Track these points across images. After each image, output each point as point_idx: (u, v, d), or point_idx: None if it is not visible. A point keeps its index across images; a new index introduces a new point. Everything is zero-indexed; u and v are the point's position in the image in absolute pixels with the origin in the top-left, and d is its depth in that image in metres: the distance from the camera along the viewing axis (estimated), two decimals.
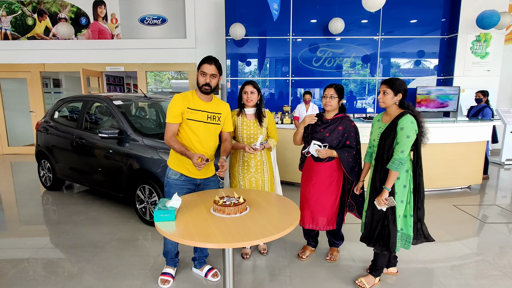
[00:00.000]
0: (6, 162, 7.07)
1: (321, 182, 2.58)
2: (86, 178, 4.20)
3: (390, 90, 2.17)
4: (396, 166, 2.09)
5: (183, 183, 2.32)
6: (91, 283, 2.47)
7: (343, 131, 2.49)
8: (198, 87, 2.24)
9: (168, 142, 2.22)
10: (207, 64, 2.19)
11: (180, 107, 2.21)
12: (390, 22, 6.75)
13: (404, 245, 2.27)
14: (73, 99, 4.69)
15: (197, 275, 2.58)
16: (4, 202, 4.45)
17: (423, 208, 2.27)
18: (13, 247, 3.11)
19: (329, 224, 2.64)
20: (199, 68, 2.22)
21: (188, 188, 2.33)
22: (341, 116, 2.54)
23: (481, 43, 6.66)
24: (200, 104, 2.27)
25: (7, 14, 7.36)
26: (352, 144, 2.51)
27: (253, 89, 2.62)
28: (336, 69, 7.03)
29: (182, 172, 2.30)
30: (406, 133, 2.07)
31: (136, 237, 3.26)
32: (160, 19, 7.43)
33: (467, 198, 4.53)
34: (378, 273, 2.42)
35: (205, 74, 2.19)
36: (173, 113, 2.21)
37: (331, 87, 2.49)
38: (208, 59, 2.22)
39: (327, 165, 2.56)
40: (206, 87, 2.21)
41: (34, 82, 7.62)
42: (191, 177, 2.32)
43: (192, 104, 2.24)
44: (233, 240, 1.56)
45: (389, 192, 2.16)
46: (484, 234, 3.36)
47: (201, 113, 2.26)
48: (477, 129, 4.67)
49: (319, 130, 2.54)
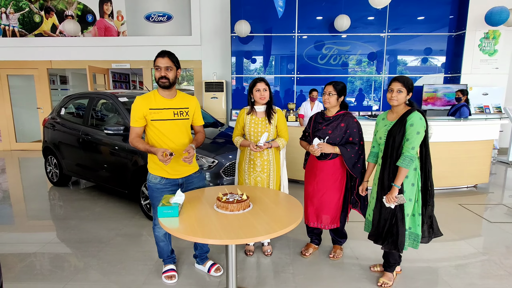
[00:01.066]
0: (14, 158, 7.17)
1: (325, 180, 2.57)
2: (91, 174, 4.24)
3: (405, 89, 2.16)
4: (407, 163, 2.08)
5: (164, 186, 2.28)
6: (96, 277, 2.51)
7: (346, 128, 2.48)
8: (157, 83, 2.21)
9: (132, 143, 2.22)
10: (159, 58, 2.14)
11: (141, 109, 2.18)
12: (397, 19, 6.68)
13: (412, 244, 2.25)
14: (80, 96, 4.73)
15: (200, 271, 2.59)
16: (12, 197, 4.51)
17: (433, 203, 2.25)
18: (21, 241, 3.16)
19: (333, 222, 2.64)
20: (154, 64, 2.18)
21: (171, 190, 2.28)
22: (343, 113, 2.53)
23: (489, 40, 6.56)
24: (164, 102, 2.22)
25: (15, 12, 7.43)
26: (355, 140, 2.49)
27: (265, 86, 2.56)
28: (341, 66, 6.99)
29: (162, 175, 2.27)
30: (416, 130, 2.06)
31: (141, 233, 3.29)
32: (166, 16, 7.44)
33: (473, 197, 4.48)
34: (393, 268, 2.42)
35: (159, 68, 2.15)
36: (135, 117, 2.19)
37: (330, 85, 2.48)
38: (161, 53, 2.16)
39: (330, 162, 2.55)
40: (162, 80, 2.16)
41: (41, 79, 7.69)
42: (171, 178, 2.29)
43: (154, 104, 2.20)
44: (236, 237, 1.57)
45: (398, 189, 2.15)
46: (490, 234, 3.33)
47: (165, 111, 2.22)
48: (484, 128, 4.62)
49: (321, 128, 2.54)
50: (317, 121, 2.60)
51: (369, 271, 2.59)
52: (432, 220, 2.28)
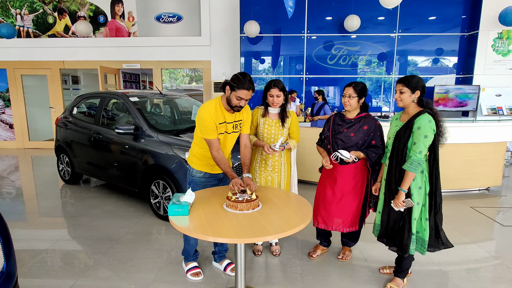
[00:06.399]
0: (27, 156, 7.31)
1: (344, 184, 2.50)
2: (102, 173, 4.30)
3: (407, 89, 2.11)
4: (414, 167, 2.02)
5: (207, 179, 2.42)
6: (106, 274, 2.54)
7: (369, 131, 2.41)
8: (230, 105, 2.21)
9: (217, 158, 2.21)
10: (246, 91, 2.12)
11: (213, 122, 2.19)
12: (408, 19, 6.60)
13: (419, 249, 2.20)
14: (91, 95, 4.80)
15: (217, 269, 2.62)
16: (25, 195, 4.61)
17: (441, 212, 2.18)
18: (33, 238, 3.22)
19: (352, 225, 2.58)
20: (235, 91, 2.13)
21: (212, 184, 2.43)
22: (364, 115, 2.45)
23: (503, 40, 6.44)
24: (226, 116, 2.27)
25: (29, 13, 7.59)
26: (378, 143, 2.42)
27: (278, 93, 2.54)
28: (351, 67, 6.94)
29: (206, 171, 2.39)
30: (423, 133, 2.00)
31: (150, 231, 3.33)
32: (176, 17, 7.50)
33: (485, 200, 4.40)
34: (404, 275, 2.36)
35: (241, 99, 2.15)
36: (211, 128, 2.18)
37: (350, 86, 2.39)
38: (250, 86, 2.13)
39: (351, 166, 2.47)
40: (238, 108, 2.21)
41: (54, 78, 7.84)
42: (214, 173, 2.41)
43: (221, 118, 2.24)
44: (246, 236, 1.58)
45: (405, 193, 2.10)
46: (503, 237, 3.26)
47: (226, 124, 2.28)
48: (497, 130, 4.53)
49: (342, 131, 2.45)
50: (337, 123, 2.50)
51: (377, 273, 2.56)
52: (439, 230, 2.19)
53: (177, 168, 3.28)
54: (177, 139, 3.50)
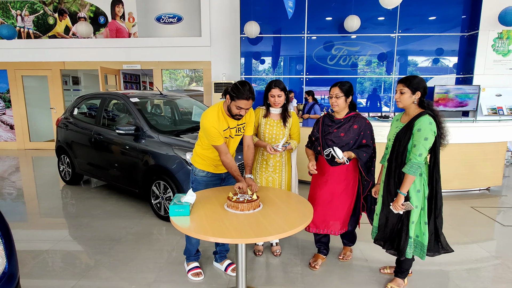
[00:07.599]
0: (28, 157, 7.32)
1: (336, 185, 2.47)
2: (103, 173, 4.31)
3: (407, 89, 2.08)
4: (414, 170, 1.99)
5: (210, 179, 2.45)
6: (107, 275, 2.55)
7: (359, 130, 2.40)
8: (230, 114, 2.21)
9: (227, 163, 2.26)
10: (245, 100, 2.09)
11: (218, 129, 2.21)
12: (408, 19, 6.61)
13: (419, 253, 2.19)
14: (92, 96, 4.81)
15: (218, 269, 2.62)
16: (26, 195, 4.62)
17: (441, 216, 2.16)
18: (34, 238, 3.23)
19: (343, 227, 2.56)
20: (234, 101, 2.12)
21: (215, 183, 2.46)
22: (353, 115, 2.44)
23: (503, 40, 6.44)
24: (229, 122, 2.28)
25: (29, 14, 7.60)
26: (369, 142, 2.41)
27: (280, 93, 2.54)
28: (351, 67, 6.95)
29: (209, 170, 2.42)
30: (423, 135, 1.97)
31: (151, 231, 3.33)
32: (176, 18, 7.51)
33: (486, 200, 4.40)
34: (404, 275, 2.35)
35: (241, 109, 2.15)
36: (217, 135, 2.20)
37: (336, 86, 2.37)
38: (250, 96, 2.11)
39: (343, 167, 2.45)
40: (238, 116, 2.21)
41: (54, 79, 7.85)
42: (216, 173, 2.44)
43: (224, 125, 2.26)
44: (247, 236, 1.58)
45: (404, 196, 2.08)
46: (503, 237, 3.27)
47: (230, 130, 2.30)
48: (497, 129, 4.53)
49: (332, 131, 2.43)
50: (326, 124, 2.48)
51: (378, 273, 2.57)
52: (439, 234, 2.17)
53: (178, 168, 3.29)
54: (177, 139, 3.51)
